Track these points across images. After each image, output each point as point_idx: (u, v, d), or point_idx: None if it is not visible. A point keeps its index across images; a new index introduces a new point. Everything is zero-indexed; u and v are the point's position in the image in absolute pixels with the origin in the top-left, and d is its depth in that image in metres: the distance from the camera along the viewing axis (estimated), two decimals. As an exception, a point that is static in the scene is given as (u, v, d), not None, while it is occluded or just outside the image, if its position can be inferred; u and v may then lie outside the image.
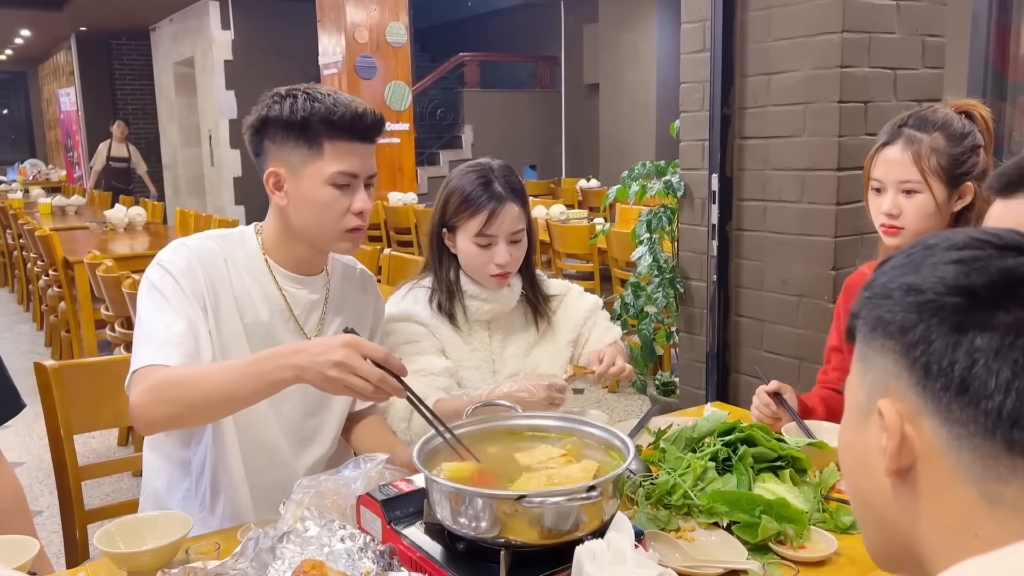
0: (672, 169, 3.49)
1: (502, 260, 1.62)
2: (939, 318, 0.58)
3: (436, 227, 1.69)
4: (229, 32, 10.62)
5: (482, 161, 1.68)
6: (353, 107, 1.42)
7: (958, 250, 0.60)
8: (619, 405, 4.38)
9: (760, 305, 3.04)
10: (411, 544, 1.10)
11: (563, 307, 1.81)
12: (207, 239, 1.50)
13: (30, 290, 6.64)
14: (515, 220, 1.62)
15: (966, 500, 0.57)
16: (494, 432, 1.27)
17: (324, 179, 1.42)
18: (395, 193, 7.45)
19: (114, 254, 4.75)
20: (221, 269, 1.47)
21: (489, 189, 1.61)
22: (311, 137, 1.41)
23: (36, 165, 15.60)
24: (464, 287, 1.68)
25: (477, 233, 1.61)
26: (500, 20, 12.86)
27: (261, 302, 1.50)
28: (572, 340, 1.78)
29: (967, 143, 1.60)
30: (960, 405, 0.57)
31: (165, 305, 1.40)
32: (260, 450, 1.52)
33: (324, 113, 1.40)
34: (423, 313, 1.68)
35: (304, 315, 1.54)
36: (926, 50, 2.85)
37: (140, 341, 1.38)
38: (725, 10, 2.95)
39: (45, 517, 3.21)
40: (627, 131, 9.83)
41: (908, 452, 0.59)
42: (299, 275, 1.54)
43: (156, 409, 1.32)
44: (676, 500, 1.30)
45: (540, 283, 1.79)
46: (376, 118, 1.45)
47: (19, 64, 17.50)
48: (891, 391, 0.61)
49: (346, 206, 1.44)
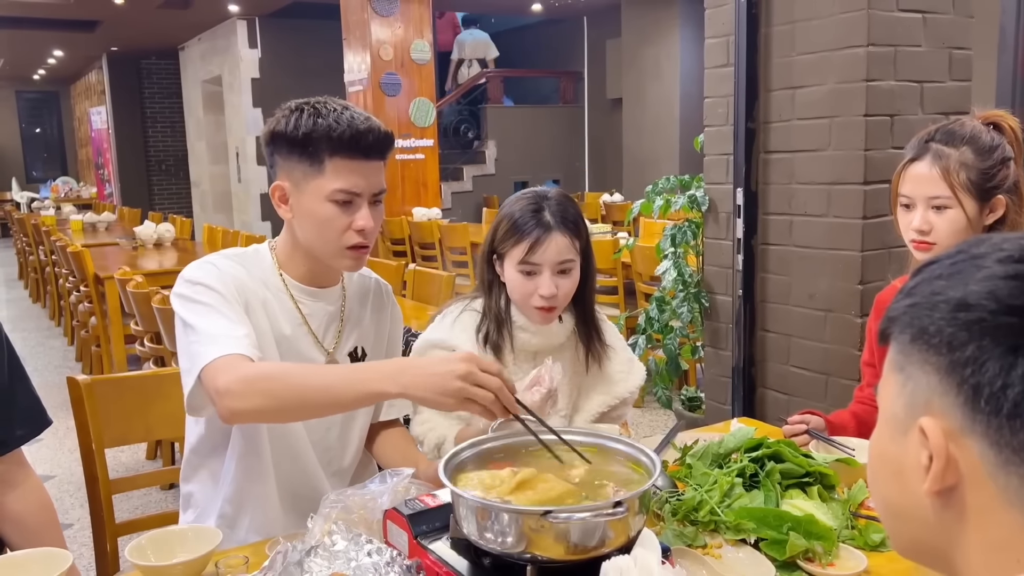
0: (696, 183, 3.48)
1: (546, 291, 1.56)
2: (992, 339, 0.55)
3: (487, 253, 1.65)
4: (256, 51, 10.78)
5: (539, 189, 1.65)
6: (355, 124, 1.40)
7: (1014, 263, 0.57)
8: (644, 420, 4.36)
9: (786, 320, 3.02)
10: (437, 559, 1.10)
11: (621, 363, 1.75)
12: (223, 258, 1.50)
13: (61, 306, 6.75)
14: (562, 250, 1.56)
15: (1012, 525, 0.55)
16: (519, 447, 1.26)
17: (324, 196, 1.41)
18: (419, 208, 7.49)
19: (143, 270, 4.82)
20: (246, 281, 1.47)
21: (538, 216, 1.57)
22: (313, 153, 1.40)
23: (68, 182, 15.90)
24: (514, 317, 1.64)
25: (521, 260, 1.57)
26: (523, 36, 12.93)
27: (283, 316, 1.51)
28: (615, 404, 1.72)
29: (996, 156, 1.58)
30: (1012, 430, 0.54)
31: (212, 312, 1.37)
32: (291, 461, 1.53)
33: (325, 130, 1.38)
34: (467, 345, 1.62)
35: (321, 329, 1.54)
36: (953, 63, 2.83)
37: (203, 342, 1.32)
38: (749, 25, 2.95)
39: (76, 530, 3.25)
40: (650, 145, 9.83)
41: (952, 473, 0.57)
42: (313, 288, 1.54)
43: (249, 399, 1.27)
44: (703, 516, 1.29)
45: (597, 323, 1.72)
46: (380, 135, 1.42)
47: (52, 84, 17.86)
48: (934, 408, 0.58)
49: (347, 223, 1.42)
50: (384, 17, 7.46)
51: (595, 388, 1.72)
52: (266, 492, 1.51)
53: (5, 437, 1.44)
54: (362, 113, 1.43)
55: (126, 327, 4.45)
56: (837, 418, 1.74)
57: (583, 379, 1.72)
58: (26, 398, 1.48)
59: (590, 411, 1.70)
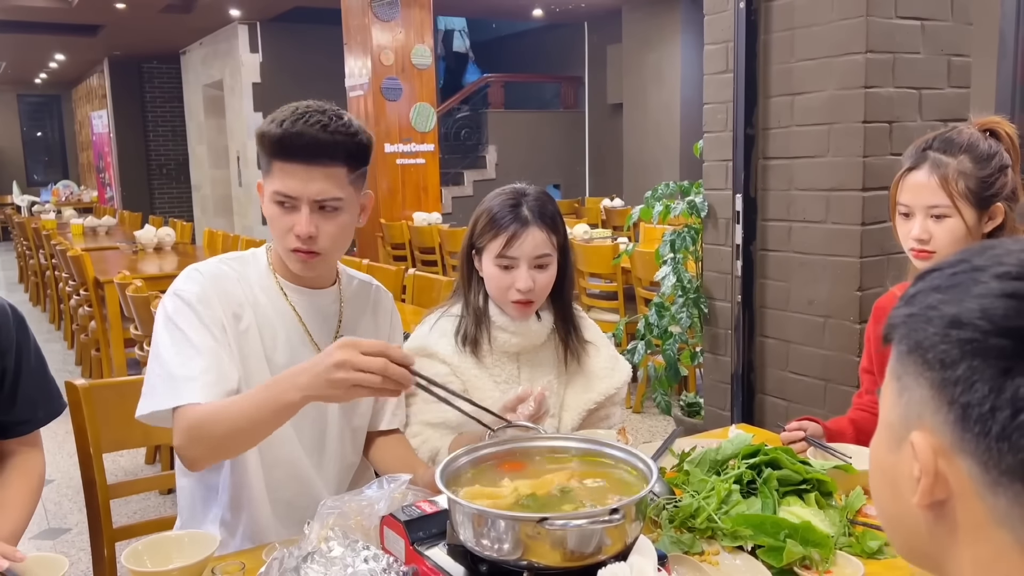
0: (696, 189, 3.49)
1: (523, 285, 1.58)
2: (983, 360, 0.54)
3: (466, 248, 1.67)
4: (257, 55, 10.80)
5: (517, 185, 1.66)
6: (293, 129, 1.38)
7: (1011, 280, 0.55)
8: (643, 426, 4.36)
9: (785, 326, 3.02)
10: (434, 565, 1.10)
11: (605, 360, 1.75)
12: (220, 263, 1.52)
13: (61, 309, 6.75)
14: (539, 244, 1.59)
15: (1001, 543, 0.55)
16: (516, 453, 1.27)
17: (268, 196, 1.45)
18: (420, 213, 7.50)
19: (143, 274, 4.83)
20: (236, 291, 1.49)
21: (516, 211, 1.59)
22: (266, 155, 1.43)
23: (69, 186, 15.91)
24: (492, 316, 1.65)
25: (499, 254, 1.59)
26: (524, 41, 12.96)
27: (277, 319, 1.51)
28: (600, 401, 1.72)
29: (994, 164, 1.58)
30: (1000, 452, 0.53)
31: (182, 338, 1.41)
32: (281, 466, 1.53)
33: (272, 131, 1.40)
34: (446, 349, 1.65)
35: (317, 329, 1.54)
36: (952, 70, 2.83)
37: (162, 378, 1.39)
38: (748, 31, 2.96)
39: (74, 535, 3.25)
40: (651, 151, 9.84)
41: (942, 488, 0.57)
42: (305, 288, 1.55)
43: (195, 448, 1.34)
44: (700, 523, 1.29)
45: (575, 319, 1.73)
46: (313, 140, 1.38)
47: (54, 88, 17.89)
48: (925, 423, 0.58)
49: (288, 226, 1.43)
50: (385, 22, 7.47)
51: (579, 385, 1.72)
52: (255, 497, 1.51)
53: (29, 417, 1.56)
54: (326, 118, 1.39)
55: (126, 331, 4.45)
56: (835, 425, 1.74)
57: (565, 377, 1.72)
58: (47, 383, 1.61)
59: (577, 408, 1.70)
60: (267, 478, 1.52)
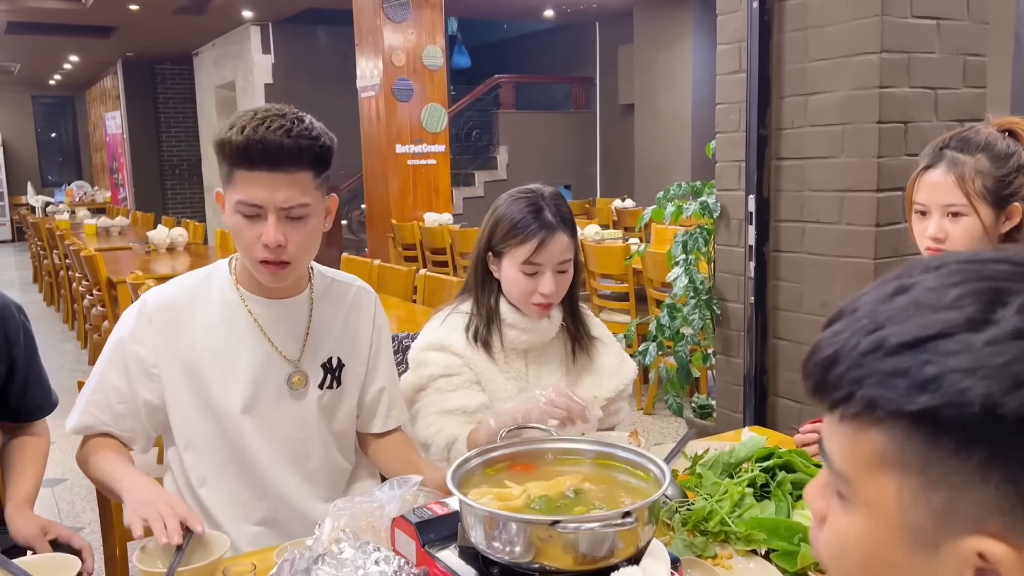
0: (708, 190, 3.47)
1: (547, 290, 1.59)
2: None
3: (482, 251, 1.66)
4: (269, 56, 10.84)
5: (532, 187, 1.65)
6: (256, 136, 1.32)
7: None
8: (655, 428, 4.34)
9: (798, 327, 3.00)
10: (445, 567, 1.09)
11: (612, 356, 1.76)
12: (177, 289, 1.52)
13: (75, 309, 6.79)
14: (564, 250, 1.60)
15: None
16: (527, 455, 1.26)
17: (232, 207, 1.39)
18: (431, 214, 7.50)
19: (156, 274, 4.84)
20: (186, 321, 1.49)
21: (540, 217, 1.58)
22: (227, 164, 1.38)
23: (82, 187, 16.01)
24: (503, 315, 1.66)
25: (525, 261, 1.58)
26: (535, 42, 12.95)
27: (234, 340, 1.49)
28: (611, 397, 1.73)
29: (1012, 163, 1.57)
30: None
31: (101, 365, 1.51)
32: (252, 487, 1.53)
33: (234, 139, 1.34)
34: (458, 343, 1.66)
35: (283, 340, 1.51)
36: (967, 69, 2.81)
37: (81, 396, 1.52)
38: (761, 31, 2.94)
39: (86, 534, 3.26)
40: (662, 151, 9.81)
41: None
42: (269, 299, 1.51)
43: (85, 472, 1.51)
44: (713, 526, 1.28)
45: (582, 316, 1.75)
46: (277, 146, 1.32)
47: (67, 89, 17.99)
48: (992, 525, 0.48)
49: (255, 236, 1.38)
50: (397, 23, 7.48)
51: (588, 382, 1.73)
52: (235, 514, 1.51)
53: (42, 403, 1.72)
54: (288, 122, 1.35)
55: (138, 331, 4.46)
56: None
57: (574, 374, 1.73)
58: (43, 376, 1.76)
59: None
60: (236, 499, 1.52)
